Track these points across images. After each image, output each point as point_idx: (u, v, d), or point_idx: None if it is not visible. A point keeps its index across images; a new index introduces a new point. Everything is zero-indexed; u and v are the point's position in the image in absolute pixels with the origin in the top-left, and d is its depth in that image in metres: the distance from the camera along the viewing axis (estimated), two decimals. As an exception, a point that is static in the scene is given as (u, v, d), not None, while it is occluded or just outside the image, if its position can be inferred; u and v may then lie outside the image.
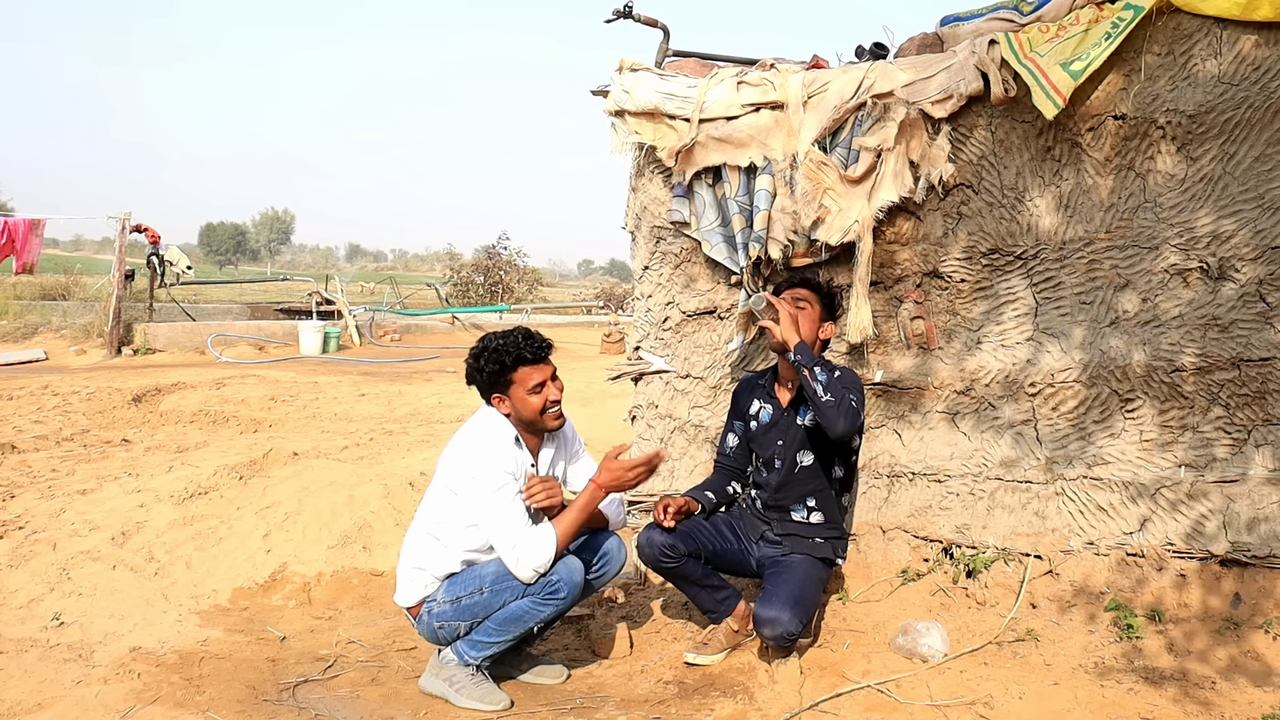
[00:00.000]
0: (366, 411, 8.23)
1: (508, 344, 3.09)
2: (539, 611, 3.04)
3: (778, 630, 3.10)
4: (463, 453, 3.12)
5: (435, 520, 3.16)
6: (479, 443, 3.10)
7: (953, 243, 3.70)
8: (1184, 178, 3.27)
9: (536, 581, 3.00)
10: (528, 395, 3.08)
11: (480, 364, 3.11)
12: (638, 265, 4.48)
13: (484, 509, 3.02)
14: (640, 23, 4.41)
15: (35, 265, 13.87)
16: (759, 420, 3.55)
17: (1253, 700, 2.83)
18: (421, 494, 4.91)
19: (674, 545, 3.31)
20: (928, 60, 3.69)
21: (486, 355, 3.10)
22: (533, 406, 3.09)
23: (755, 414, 3.56)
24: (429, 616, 3.14)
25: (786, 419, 3.48)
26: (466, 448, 3.12)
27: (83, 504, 4.77)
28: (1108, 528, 3.40)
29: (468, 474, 3.06)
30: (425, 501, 3.25)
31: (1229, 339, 3.23)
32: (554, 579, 3.01)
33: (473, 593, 3.06)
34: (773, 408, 3.52)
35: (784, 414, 3.49)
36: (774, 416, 3.51)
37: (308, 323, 14.56)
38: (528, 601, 3.03)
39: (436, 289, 25.85)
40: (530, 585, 3.00)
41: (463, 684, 3.08)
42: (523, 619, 3.05)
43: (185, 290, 17.17)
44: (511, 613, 3.04)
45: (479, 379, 3.15)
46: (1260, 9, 3.02)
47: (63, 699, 2.96)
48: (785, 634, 3.11)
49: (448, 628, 3.11)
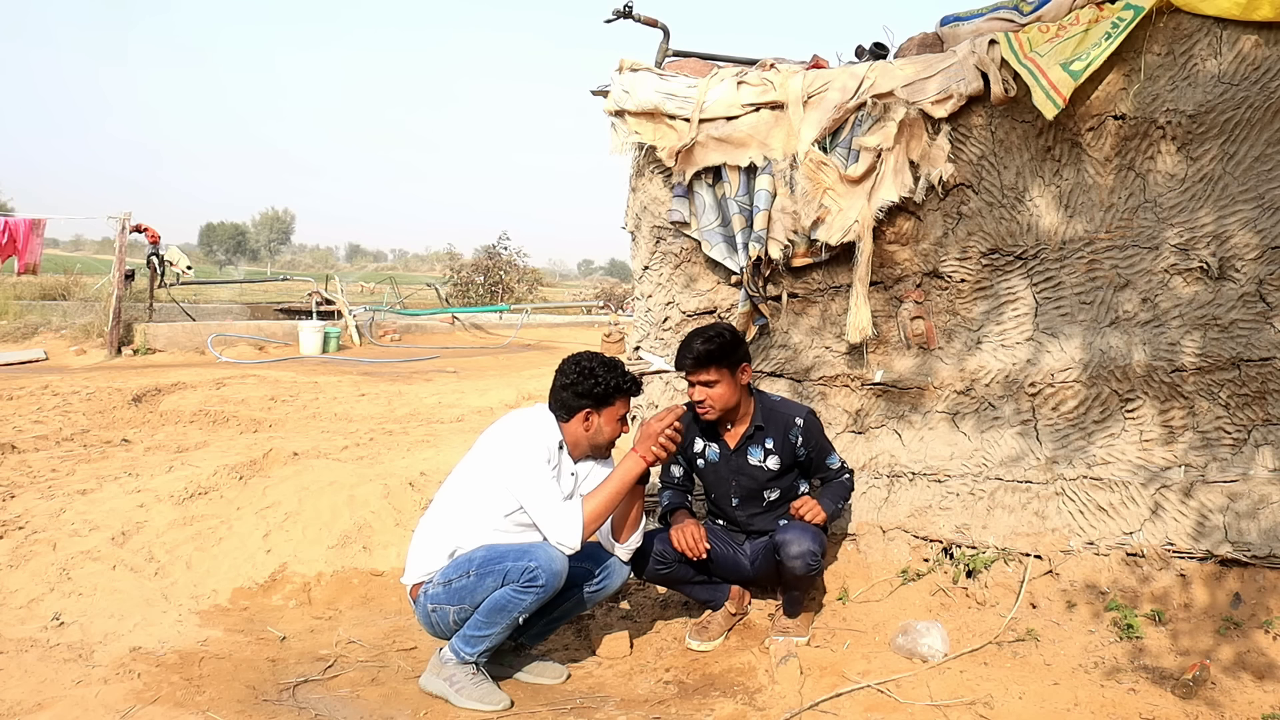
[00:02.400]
0: (366, 411, 8.22)
1: (622, 372, 3.26)
2: (521, 600, 3.04)
3: (807, 558, 3.27)
4: (510, 432, 3.22)
5: (460, 499, 3.20)
6: (529, 427, 3.21)
7: (953, 243, 3.70)
8: (1184, 177, 3.27)
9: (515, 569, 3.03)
10: (613, 421, 3.27)
11: (589, 384, 3.20)
12: (638, 265, 4.48)
13: (524, 484, 3.10)
14: (640, 23, 4.41)
15: (39, 266, 13.86)
16: (705, 459, 3.60)
17: (1254, 700, 2.83)
18: (422, 494, 4.92)
19: (663, 553, 3.41)
20: (928, 60, 3.69)
21: (603, 374, 3.22)
22: (614, 432, 3.29)
23: (700, 452, 3.61)
24: (425, 598, 3.16)
25: (737, 460, 3.54)
26: (515, 428, 3.23)
27: (83, 504, 4.77)
28: (1108, 527, 3.40)
29: (509, 441, 3.17)
30: (451, 482, 3.29)
31: (1229, 339, 3.23)
32: (532, 566, 3.03)
33: (462, 576, 3.08)
34: (719, 447, 3.56)
35: (733, 455, 3.53)
36: (722, 456, 3.55)
37: (308, 323, 14.54)
38: (509, 590, 3.04)
39: (436, 289, 25.83)
40: (510, 572, 3.03)
41: (462, 684, 3.08)
42: (506, 608, 3.06)
43: (185, 290, 17.15)
44: (495, 602, 3.05)
45: (579, 390, 3.21)
46: (1260, 9, 3.03)
47: (63, 699, 2.96)
48: (812, 555, 3.28)
49: (439, 612, 3.13)
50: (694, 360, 3.37)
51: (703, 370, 3.37)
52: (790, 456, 3.49)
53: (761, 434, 3.49)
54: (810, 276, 4.00)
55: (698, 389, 3.40)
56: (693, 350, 3.37)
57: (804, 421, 3.49)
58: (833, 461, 3.56)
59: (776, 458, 3.48)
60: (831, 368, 4.00)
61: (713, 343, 3.37)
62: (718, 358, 3.36)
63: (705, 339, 3.38)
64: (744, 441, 3.50)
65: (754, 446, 3.49)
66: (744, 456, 3.50)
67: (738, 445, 3.50)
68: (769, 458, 3.49)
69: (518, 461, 3.12)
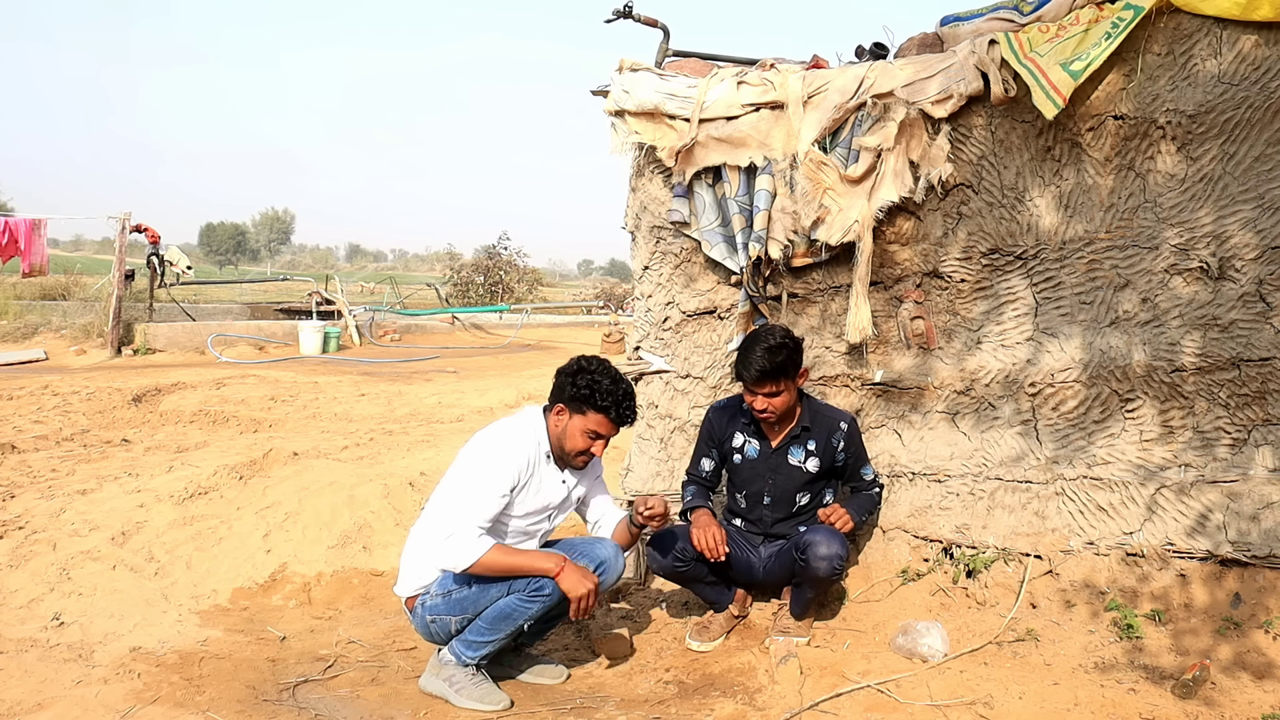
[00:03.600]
0: (366, 411, 8.22)
1: (611, 389, 3.13)
2: (526, 608, 3.04)
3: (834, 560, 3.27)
4: (489, 434, 3.19)
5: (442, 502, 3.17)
6: (509, 434, 3.16)
7: (953, 242, 3.70)
8: (1184, 177, 3.27)
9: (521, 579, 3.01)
10: (582, 433, 3.15)
11: (577, 381, 3.13)
12: (638, 265, 4.48)
13: (463, 482, 3.06)
14: (640, 23, 4.41)
15: (46, 267, 13.83)
16: (744, 455, 3.58)
17: (1253, 700, 2.83)
18: (421, 494, 4.92)
19: (684, 550, 3.39)
20: (928, 60, 3.69)
21: (587, 380, 3.12)
22: (577, 445, 3.16)
23: (739, 447, 3.58)
24: (422, 609, 3.15)
25: (776, 459, 3.52)
26: (495, 431, 3.19)
27: (83, 504, 4.77)
28: (1108, 527, 3.40)
29: (480, 449, 3.13)
30: (437, 492, 3.27)
31: (1229, 339, 3.23)
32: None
33: (462, 586, 3.07)
34: (759, 444, 3.54)
35: (773, 454, 3.52)
36: (761, 453, 3.54)
37: (308, 323, 14.55)
38: (514, 599, 3.03)
39: (436, 289, 25.83)
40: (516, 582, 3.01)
41: (462, 684, 3.08)
42: (511, 616, 3.05)
43: (185, 290, 17.16)
44: (499, 610, 3.05)
45: (566, 387, 3.17)
46: (1260, 9, 3.02)
47: (63, 699, 2.96)
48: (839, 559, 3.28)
49: (439, 622, 3.12)
50: (760, 374, 3.30)
51: (769, 383, 3.33)
52: (829, 460, 3.50)
53: (806, 435, 3.50)
54: (810, 276, 4.00)
55: (759, 399, 3.36)
56: (759, 364, 3.29)
57: (848, 427, 3.52)
58: (866, 472, 3.59)
59: (817, 460, 3.50)
60: (831, 367, 4.01)
61: (779, 354, 3.29)
62: (783, 370, 3.32)
63: (768, 349, 3.29)
64: (787, 441, 3.49)
65: (796, 447, 3.50)
66: (784, 456, 3.51)
67: (780, 444, 3.49)
68: (809, 459, 3.50)
69: (475, 467, 3.08)
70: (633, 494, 4.26)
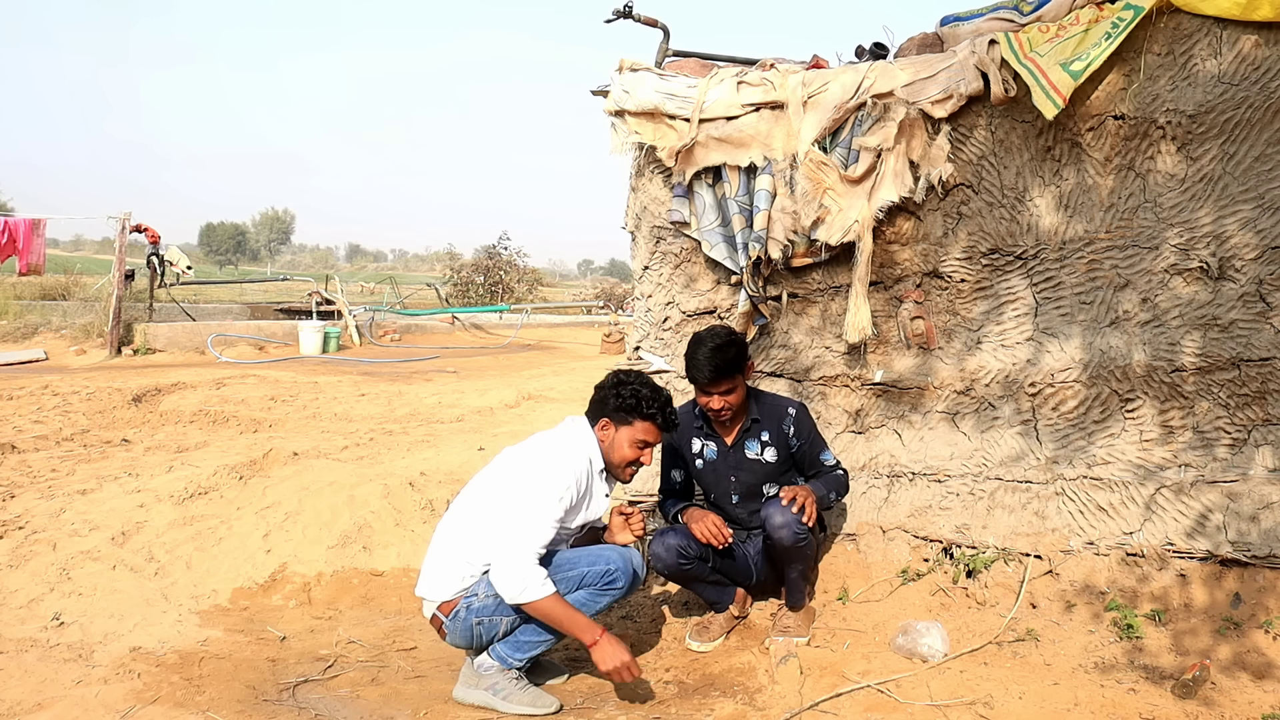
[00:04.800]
0: (366, 411, 8.22)
1: (653, 397, 3.10)
2: (596, 601, 3.01)
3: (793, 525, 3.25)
4: (546, 452, 3.08)
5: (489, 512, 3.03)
6: (567, 455, 3.06)
7: (953, 243, 3.70)
8: (1184, 177, 3.27)
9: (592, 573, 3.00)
10: (631, 443, 3.10)
11: (621, 392, 3.09)
12: (638, 265, 4.48)
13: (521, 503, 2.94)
14: (640, 23, 4.41)
15: (42, 266, 13.85)
16: (704, 458, 3.59)
17: (1253, 700, 2.83)
18: (421, 494, 4.92)
19: (687, 547, 3.38)
20: (928, 60, 3.69)
21: (631, 390, 3.09)
22: (626, 456, 3.12)
23: (699, 452, 3.60)
24: (468, 612, 3.00)
25: (735, 455, 3.54)
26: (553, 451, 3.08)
27: (83, 504, 4.77)
28: (1108, 527, 3.40)
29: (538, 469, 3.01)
30: (473, 495, 3.15)
31: (1229, 339, 3.23)
32: (611, 569, 3.01)
33: None
34: (716, 444, 3.56)
35: (731, 451, 3.54)
36: (720, 453, 3.55)
37: (308, 323, 14.54)
38: (583, 593, 3.00)
39: (436, 289, 25.82)
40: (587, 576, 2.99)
41: (509, 691, 2.99)
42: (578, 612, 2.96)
43: (185, 290, 17.15)
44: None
45: (609, 400, 3.12)
46: (1260, 9, 3.03)
47: (63, 699, 2.96)
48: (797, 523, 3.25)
49: (488, 624, 3.00)
50: (714, 373, 3.31)
51: (724, 381, 3.34)
52: (785, 447, 3.51)
53: (758, 426, 3.50)
54: (810, 276, 4.00)
55: (715, 398, 3.37)
56: (708, 364, 3.30)
57: (796, 411, 3.53)
58: (827, 458, 3.56)
59: (774, 449, 3.50)
60: (831, 368, 4.01)
61: (728, 351, 3.31)
62: (734, 366, 3.34)
63: (716, 349, 3.30)
64: (741, 436, 3.50)
65: (751, 440, 3.50)
66: (742, 451, 3.51)
67: (735, 440, 3.51)
68: (765, 450, 3.50)
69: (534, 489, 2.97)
70: (632, 494, 4.26)
